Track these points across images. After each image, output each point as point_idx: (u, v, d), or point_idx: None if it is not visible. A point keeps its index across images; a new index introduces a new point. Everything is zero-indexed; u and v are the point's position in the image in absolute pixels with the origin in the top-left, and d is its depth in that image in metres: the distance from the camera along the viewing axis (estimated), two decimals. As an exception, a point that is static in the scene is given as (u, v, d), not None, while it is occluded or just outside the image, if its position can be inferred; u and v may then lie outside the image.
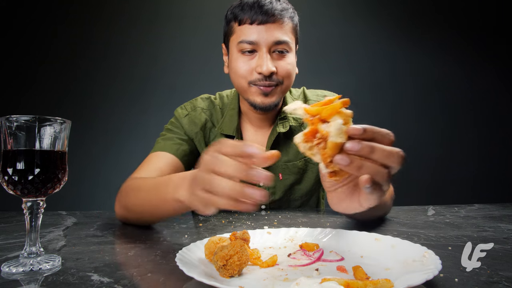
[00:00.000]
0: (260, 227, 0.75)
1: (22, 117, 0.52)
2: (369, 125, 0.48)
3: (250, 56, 1.01)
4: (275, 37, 0.98)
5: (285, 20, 1.00)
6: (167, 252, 0.59)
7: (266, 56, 0.98)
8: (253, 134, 1.16)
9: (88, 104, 2.71)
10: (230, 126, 1.12)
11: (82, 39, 2.74)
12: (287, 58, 1.02)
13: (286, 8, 1.01)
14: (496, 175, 2.99)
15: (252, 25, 0.98)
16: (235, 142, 0.50)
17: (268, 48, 0.99)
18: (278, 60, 1.01)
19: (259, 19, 0.97)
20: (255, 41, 0.98)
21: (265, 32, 0.98)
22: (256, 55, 1.00)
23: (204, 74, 2.71)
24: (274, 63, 1.00)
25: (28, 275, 0.48)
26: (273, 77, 1.00)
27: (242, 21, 0.99)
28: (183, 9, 2.83)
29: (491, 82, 3.05)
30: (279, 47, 1.00)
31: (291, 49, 1.03)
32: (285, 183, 1.15)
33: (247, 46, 0.99)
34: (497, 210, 1.11)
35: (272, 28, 0.98)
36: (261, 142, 1.15)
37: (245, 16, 0.98)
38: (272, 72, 0.99)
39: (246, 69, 1.00)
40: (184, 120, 1.14)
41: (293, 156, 1.14)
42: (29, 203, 0.53)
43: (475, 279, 0.44)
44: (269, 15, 0.97)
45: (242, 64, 1.01)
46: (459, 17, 3.05)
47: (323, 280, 0.42)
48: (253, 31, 0.98)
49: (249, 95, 1.03)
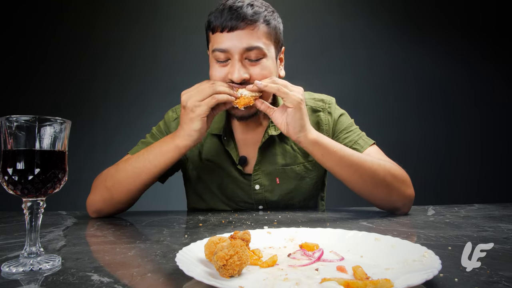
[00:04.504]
0: (260, 227, 0.75)
1: (22, 117, 0.52)
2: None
3: (224, 64, 0.98)
4: (246, 43, 0.95)
5: (257, 24, 0.96)
6: (167, 252, 0.59)
7: (237, 64, 0.95)
8: (243, 134, 1.16)
9: (88, 104, 2.71)
10: (218, 126, 1.13)
11: (82, 39, 2.74)
12: (262, 64, 0.98)
13: (258, 12, 0.96)
14: (496, 175, 2.99)
15: (222, 32, 0.95)
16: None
17: (240, 55, 0.95)
18: (252, 66, 0.97)
19: (229, 26, 0.94)
20: (226, 48, 0.95)
21: (236, 39, 0.94)
22: (230, 63, 0.98)
23: (204, 74, 2.69)
24: (248, 70, 0.97)
25: (28, 275, 0.48)
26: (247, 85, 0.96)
27: (214, 29, 0.97)
28: (183, 9, 2.83)
29: (493, 82, 3.05)
30: (251, 53, 0.96)
31: (266, 54, 0.98)
32: (283, 188, 1.14)
33: (220, 54, 0.97)
34: (497, 210, 1.11)
35: (242, 34, 0.95)
36: (251, 141, 1.15)
37: (217, 23, 0.96)
38: (245, 79, 0.96)
39: (219, 77, 0.98)
40: (172, 124, 1.17)
41: (290, 160, 1.14)
42: (29, 203, 0.53)
43: (475, 279, 0.44)
44: (238, 20, 0.94)
45: (215, 72, 1.00)
46: (460, 16, 3.05)
47: (323, 280, 0.42)
48: (224, 39, 0.95)
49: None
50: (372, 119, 2.73)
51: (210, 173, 1.15)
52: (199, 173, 1.16)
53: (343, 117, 1.19)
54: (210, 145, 1.15)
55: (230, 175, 1.14)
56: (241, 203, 1.16)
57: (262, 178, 1.13)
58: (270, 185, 1.14)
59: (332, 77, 2.86)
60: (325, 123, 1.17)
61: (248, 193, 1.14)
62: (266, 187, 1.13)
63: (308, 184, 1.16)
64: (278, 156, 1.13)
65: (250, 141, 1.15)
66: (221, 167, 1.14)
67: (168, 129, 1.16)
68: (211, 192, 1.16)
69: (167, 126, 1.17)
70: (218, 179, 1.15)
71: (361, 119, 1.25)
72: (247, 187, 1.14)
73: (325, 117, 1.17)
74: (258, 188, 1.13)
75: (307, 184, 1.16)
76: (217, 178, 1.15)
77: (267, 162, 1.13)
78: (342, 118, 1.18)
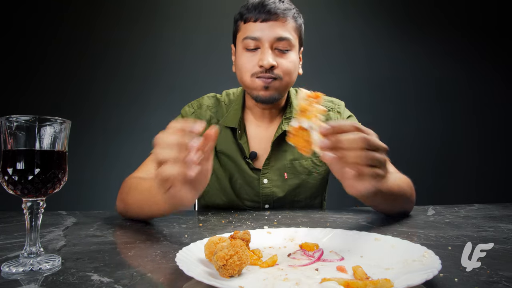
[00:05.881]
0: (260, 227, 0.75)
1: (22, 117, 0.51)
2: (335, 137, 0.59)
3: (253, 52, 1.06)
4: (277, 33, 1.04)
5: (288, 19, 1.05)
6: (167, 252, 0.59)
7: (267, 51, 1.03)
8: (256, 128, 1.18)
9: (88, 104, 2.71)
10: (233, 119, 1.16)
11: (82, 39, 2.74)
12: (289, 56, 1.07)
13: (289, 8, 1.07)
14: (496, 175, 2.99)
15: (256, 22, 1.04)
16: (181, 121, 0.60)
17: (270, 44, 1.04)
18: (280, 57, 1.06)
19: (262, 17, 1.03)
20: (258, 37, 1.04)
21: (268, 29, 1.03)
22: (259, 52, 1.06)
23: (204, 74, 2.71)
24: (275, 59, 1.05)
25: (28, 275, 0.48)
26: (273, 71, 1.05)
27: (247, 20, 1.06)
28: (183, 9, 2.83)
29: (492, 82, 3.05)
30: (281, 44, 1.04)
31: (293, 46, 1.07)
32: (290, 183, 1.15)
33: (250, 42, 1.05)
34: (497, 210, 1.11)
35: (275, 25, 1.04)
36: (264, 137, 1.17)
37: (250, 15, 1.05)
38: (273, 66, 1.04)
39: (250, 63, 1.06)
40: (190, 118, 1.18)
41: (299, 154, 1.15)
42: (29, 203, 0.53)
43: (475, 279, 0.44)
44: (271, 13, 1.03)
45: (246, 59, 1.07)
46: (460, 16, 3.05)
47: (323, 280, 0.42)
48: (257, 28, 1.04)
49: (252, 88, 1.08)
50: (372, 119, 2.72)
51: (223, 166, 1.17)
52: (213, 166, 1.16)
53: (351, 118, 1.23)
54: (223, 137, 1.16)
55: (240, 169, 1.15)
56: (247, 201, 1.17)
57: (271, 173, 1.15)
58: (278, 180, 1.15)
59: (331, 77, 2.86)
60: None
61: (255, 188, 1.15)
62: (274, 182, 1.15)
63: (315, 179, 1.18)
64: (288, 152, 1.16)
65: (263, 137, 1.17)
66: (233, 160, 1.16)
67: None
68: (221, 185, 1.17)
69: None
70: (230, 172, 1.16)
71: (361, 119, 1.26)
72: (255, 181, 1.15)
73: (335, 116, 1.21)
74: (266, 182, 1.14)
75: (314, 179, 1.18)
76: (229, 172, 1.16)
77: (278, 158, 1.15)
78: (351, 119, 1.22)
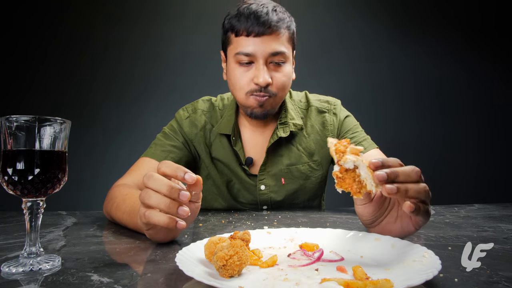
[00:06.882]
0: (260, 227, 0.75)
1: (22, 117, 0.52)
2: (390, 169, 0.54)
3: (247, 67, 1.02)
4: (271, 48, 0.99)
5: (282, 30, 1.00)
6: (167, 252, 0.59)
7: (263, 68, 0.99)
8: (251, 134, 1.17)
9: (87, 104, 2.71)
10: (227, 126, 1.13)
11: (82, 39, 2.74)
12: (283, 69, 1.03)
13: (282, 18, 1.01)
14: (496, 175, 2.99)
15: (248, 37, 0.98)
16: (173, 164, 0.58)
17: (264, 59, 0.99)
18: (274, 71, 1.02)
19: (255, 31, 0.97)
20: (252, 53, 0.99)
21: (262, 44, 0.98)
22: (253, 66, 1.01)
23: (204, 74, 2.70)
24: (270, 74, 1.01)
25: (28, 275, 0.48)
26: (267, 89, 1.01)
27: (238, 32, 1.00)
28: (183, 9, 2.83)
29: (492, 82, 3.05)
30: (276, 58, 1.00)
31: (288, 58, 1.04)
32: (288, 188, 1.15)
33: (244, 58, 1.00)
34: (497, 210, 1.11)
35: (269, 40, 0.98)
36: (259, 142, 1.15)
37: (242, 27, 0.98)
38: (268, 83, 1.00)
39: (244, 80, 1.02)
40: (185, 123, 1.16)
41: (295, 159, 1.14)
42: (29, 203, 0.53)
43: (475, 279, 0.44)
44: (265, 26, 0.97)
45: (239, 75, 1.02)
46: (459, 16, 3.04)
47: (323, 280, 0.42)
48: (250, 43, 0.98)
49: (247, 106, 1.06)
50: (372, 119, 2.72)
51: (220, 172, 1.16)
52: (210, 171, 1.17)
53: (348, 118, 1.21)
54: (218, 144, 1.15)
55: (237, 175, 1.14)
56: (245, 204, 1.17)
57: (267, 179, 1.14)
58: (276, 186, 1.14)
59: (331, 77, 2.86)
60: (330, 124, 1.18)
61: (253, 193, 1.15)
62: (272, 188, 1.14)
63: (313, 183, 1.17)
64: (284, 157, 1.14)
65: (258, 142, 1.16)
66: (229, 166, 1.15)
67: (181, 129, 1.16)
68: (218, 190, 1.16)
69: (180, 126, 1.16)
70: (227, 178, 1.15)
71: (361, 119, 1.26)
72: (253, 187, 1.14)
73: (331, 118, 1.19)
74: (263, 189, 1.14)
75: (312, 183, 1.17)
76: (226, 177, 1.15)
77: (273, 163, 1.14)
78: (348, 120, 1.20)
